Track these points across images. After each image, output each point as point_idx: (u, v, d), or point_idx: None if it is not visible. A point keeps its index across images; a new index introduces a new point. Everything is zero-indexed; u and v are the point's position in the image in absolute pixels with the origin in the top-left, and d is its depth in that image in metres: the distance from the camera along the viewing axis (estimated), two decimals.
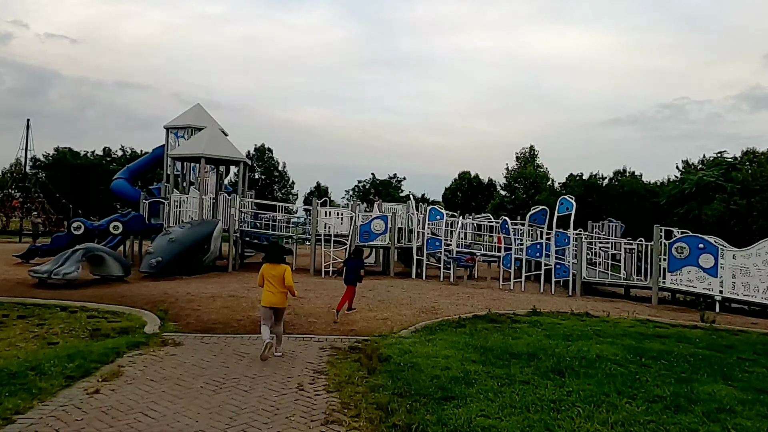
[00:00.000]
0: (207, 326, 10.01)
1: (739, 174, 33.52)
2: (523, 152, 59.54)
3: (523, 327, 10.47)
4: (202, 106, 27.85)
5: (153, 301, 12.57)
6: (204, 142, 20.80)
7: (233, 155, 21.15)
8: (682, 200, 38.66)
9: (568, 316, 12.25)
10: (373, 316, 11.31)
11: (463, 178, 66.83)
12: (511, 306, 13.62)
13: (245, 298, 12.94)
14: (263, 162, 67.44)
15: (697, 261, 14.47)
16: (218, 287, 14.96)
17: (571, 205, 17.09)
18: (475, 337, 9.11)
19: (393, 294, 14.93)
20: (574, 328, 10.38)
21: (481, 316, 11.67)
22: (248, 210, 22.08)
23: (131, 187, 26.89)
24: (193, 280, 16.87)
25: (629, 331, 10.38)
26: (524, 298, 15.18)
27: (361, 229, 20.35)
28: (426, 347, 8.07)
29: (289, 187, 68.60)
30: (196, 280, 16.89)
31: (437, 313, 12.12)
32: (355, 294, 12.15)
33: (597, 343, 8.90)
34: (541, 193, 53.14)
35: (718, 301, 14.06)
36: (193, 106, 27.79)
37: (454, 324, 10.57)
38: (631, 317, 12.48)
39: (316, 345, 8.42)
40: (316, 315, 11.16)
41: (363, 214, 21.14)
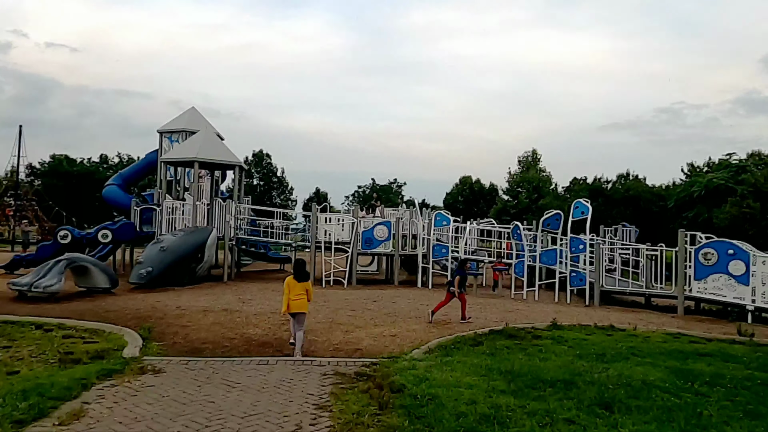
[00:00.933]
0: (195, 347, 8.95)
1: (751, 176, 32.50)
2: (526, 156, 58.53)
3: (546, 344, 9.42)
4: (197, 109, 26.84)
5: (139, 316, 11.51)
6: (198, 146, 19.78)
7: (228, 159, 20.13)
8: (691, 203, 37.66)
9: (593, 330, 11.20)
10: (380, 333, 10.25)
11: (464, 183, 65.79)
12: (527, 318, 12.57)
13: (239, 313, 11.88)
14: (261, 168, 66.38)
15: (727, 268, 13.43)
16: (211, 300, 13.90)
17: (587, 209, 16.06)
18: (498, 358, 8.05)
19: (399, 306, 13.88)
20: (605, 345, 9.32)
21: (498, 330, 10.62)
22: (245, 216, 21.05)
23: (123, 194, 25.81)
24: (186, 291, 15.81)
25: (666, 349, 9.32)
26: (540, 309, 14.12)
27: (363, 235, 19.32)
28: (444, 373, 7.01)
29: (288, 193, 67.52)
30: (189, 291, 15.83)
31: (449, 327, 11.07)
32: (462, 302, 12.15)
33: (636, 364, 7.85)
34: (544, 198, 52.13)
35: (751, 311, 13.01)
36: (187, 110, 26.79)
37: (470, 341, 9.51)
38: (660, 330, 11.43)
39: (317, 371, 7.35)
40: (316, 331, 10.10)
41: (365, 220, 20.10)
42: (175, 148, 21.83)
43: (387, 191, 66.49)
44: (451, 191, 66.36)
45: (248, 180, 65.75)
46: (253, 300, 14.03)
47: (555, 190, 55.37)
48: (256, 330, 10.19)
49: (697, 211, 36.54)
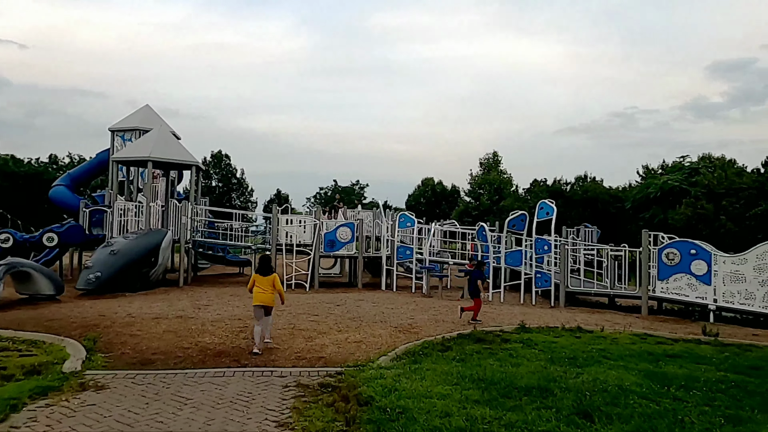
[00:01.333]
0: (145, 358, 8.29)
1: (704, 178, 33.42)
2: (487, 158, 58.99)
3: (516, 348, 9.15)
4: (151, 107, 25.81)
5: (86, 325, 10.72)
6: (151, 145, 18.90)
7: (184, 158, 19.29)
8: (647, 205, 38.51)
9: (561, 332, 11.02)
10: (345, 339, 9.78)
11: (426, 184, 65.86)
12: (494, 321, 12.33)
13: (195, 320, 11.21)
14: (221, 169, 64.88)
15: (689, 268, 13.52)
16: (165, 306, 13.15)
17: (552, 210, 15.99)
18: (469, 364, 7.71)
19: (363, 309, 13.44)
20: (575, 349, 9.12)
21: (466, 334, 10.31)
22: (202, 218, 20.23)
23: (72, 195, 24.52)
24: (138, 297, 14.98)
25: (635, 351, 9.18)
26: (506, 311, 13.92)
27: (326, 237, 18.81)
28: (414, 382, 6.61)
29: (248, 194, 66.20)
30: (141, 297, 15.00)
31: (416, 332, 10.69)
32: (475, 304, 12.27)
33: (609, 368, 7.63)
34: (505, 199, 52.62)
35: (713, 310, 13.11)
36: (141, 108, 25.73)
37: (438, 347, 9.16)
38: (627, 331, 11.34)
39: (278, 382, 6.85)
40: (277, 339, 9.55)
41: (328, 221, 19.60)
42: (127, 147, 20.83)
43: (349, 192, 65.98)
44: (414, 193, 66.34)
45: (206, 181, 64.18)
46: (209, 306, 13.35)
47: (516, 192, 55.94)
48: (213, 338, 9.57)
49: (653, 212, 37.37)
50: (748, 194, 24.63)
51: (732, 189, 29.94)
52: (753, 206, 23.09)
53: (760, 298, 12.67)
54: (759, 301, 12.69)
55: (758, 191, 23.33)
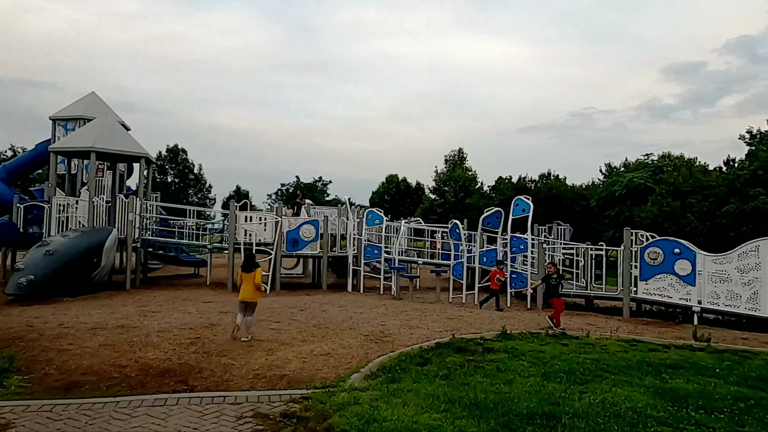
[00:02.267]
0: (72, 380, 6.97)
1: (669, 176, 33.53)
2: (452, 155, 58.45)
3: (503, 359, 8.21)
4: (97, 95, 23.94)
5: (7, 338, 9.24)
6: (95, 134, 17.24)
7: (132, 149, 17.70)
8: (612, 202, 38.52)
9: (546, 339, 10.17)
10: (310, 351, 8.65)
11: (390, 181, 64.98)
12: (473, 326, 11.39)
13: (138, 330, 9.86)
14: (177, 164, 62.36)
15: (673, 268, 12.91)
16: (106, 313, 11.70)
17: (529, 207, 15.20)
18: (454, 382, 6.70)
19: (330, 314, 12.32)
20: (567, 360, 8.24)
21: (445, 343, 9.32)
22: (152, 215, 18.66)
23: (8, 189, 22.46)
24: (76, 303, 13.44)
25: (631, 360, 8.37)
26: (484, 315, 13.02)
27: (288, 236, 17.57)
28: (395, 408, 5.56)
29: (206, 191, 63.92)
30: (80, 303, 13.47)
31: (389, 341, 9.64)
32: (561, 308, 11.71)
33: (613, 384, 6.75)
34: (471, 197, 52.17)
35: (696, 312, 12.52)
36: (86, 95, 23.82)
37: (417, 359, 8.13)
38: (614, 337, 10.59)
39: (231, 412, 5.68)
40: (233, 354, 8.34)
41: (291, 219, 18.36)
42: (68, 137, 19.06)
43: (312, 189, 64.45)
44: (378, 190, 65.36)
45: (162, 177, 61.65)
46: (157, 312, 11.97)
47: (481, 189, 55.60)
48: (157, 353, 8.29)
49: (618, 210, 37.39)
50: (718, 192, 24.56)
51: (698, 187, 30.02)
52: (724, 204, 23.02)
53: (746, 299, 12.13)
54: (744, 302, 12.15)
55: (729, 189, 23.26)
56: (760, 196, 20.80)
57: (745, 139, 37.29)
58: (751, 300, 12.07)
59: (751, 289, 12.10)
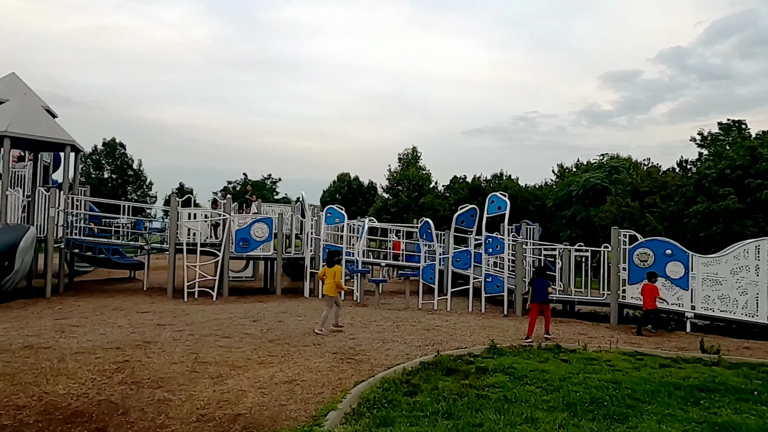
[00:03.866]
0: None
1: (628, 176, 33.40)
2: (406, 153, 57.25)
3: (505, 384, 6.81)
4: (18, 76, 21.19)
5: None
6: (10, 117, 14.85)
7: (55, 136, 15.38)
8: (569, 202, 38.27)
9: (542, 355, 8.86)
10: (270, 377, 6.98)
11: (342, 180, 63.30)
12: (453, 338, 9.98)
13: (51, 351, 7.90)
14: (114, 159, 58.45)
15: (665, 270, 11.91)
16: (14, 328, 9.60)
17: (505, 204, 13.96)
18: (462, 422, 5.23)
19: (288, 326, 10.63)
20: (582, 383, 6.92)
21: (430, 363, 7.85)
22: (79, 211, 16.35)
23: None
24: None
25: (654, 382, 7.15)
26: (461, 324, 11.63)
27: (238, 235, 15.69)
28: None
29: (146, 188, 60.23)
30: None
31: (363, 360, 8.09)
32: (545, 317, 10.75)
33: (657, 419, 5.45)
34: (425, 196, 51.16)
35: (690, 318, 11.56)
36: (5, 76, 21.04)
37: (403, 386, 6.60)
38: (614, 350, 9.41)
39: None
40: (171, 384, 6.57)
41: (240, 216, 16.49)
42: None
43: (261, 187, 61.87)
44: (329, 188, 63.51)
45: (98, 172, 57.71)
46: (79, 327, 9.95)
47: (435, 189, 54.70)
48: (70, 385, 6.42)
49: (575, 210, 37.13)
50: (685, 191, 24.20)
51: (656, 187, 29.86)
52: (691, 204, 22.66)
53: (743, 304, 11.25)
54: (741, 308, 11.26)
55: (696, 188, 22.91)
56: (729, 195, 20.48)
57: (696, 141, 37.88)
58: (749, 305, 11.19)
59: (748, 293, 11.22)
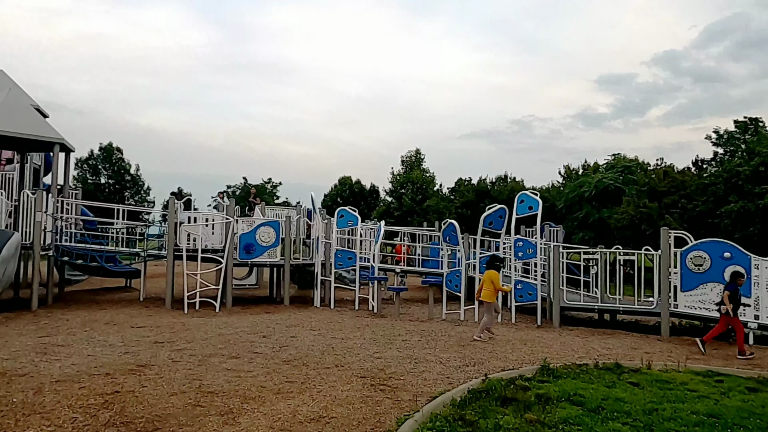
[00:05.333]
0: None
1: (644, 176, 32.18)
2: (409, 156, 55.97)
3: (580, 419, 5.55)
4: (6, 73, 19.91)
5: None
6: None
7: (42, 134, 14.12)
8: (580, 204, 37.05)
9: (600, 374, 7.60)
10: (291, 412, 5.70)
11: (343, 183, 61.98)
12: (495, 356, 8.72)
13: (27, 379, 6.60)
14: (111, 164, 57.16)
15: (723, 276, 10.65)
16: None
17: (537, 204, 12.71)
18: None
19: (303, 342, 9.35)
20: (677, 418, 5.66)
21: (480, 390, 6.56)
22: (68, 216, 15.07)
23: None
24: None
25: (752, 410, 5.90)
26: (498, 338, 10.35)
27: (242, 240, 14.42)
28: None
29: (144, 193, 58.95)
30: None
31: (399, 387, 6.81)
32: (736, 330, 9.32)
33: None
34: (429, 199, 49.93)
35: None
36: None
37: (457, 425, 5.33)
38: (684, 369, 8.15)
39: None
40: (170, 423, 5.28)
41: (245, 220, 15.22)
42: None
43: (261, 191, 60.57)
44: (330, 192, 62.20)
45: (95, 178, 56.41)
46: (64, 346, 8.64)
47: (440, 192, 53.47)
48: (43, 428, 5.13)
49: (587, 212, 35.92)
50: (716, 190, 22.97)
51: (674, 187, 28.66)
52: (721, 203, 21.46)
53: None
54: None
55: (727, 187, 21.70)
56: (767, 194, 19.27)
57: (712, 139, 36.78)
58: None
59: None
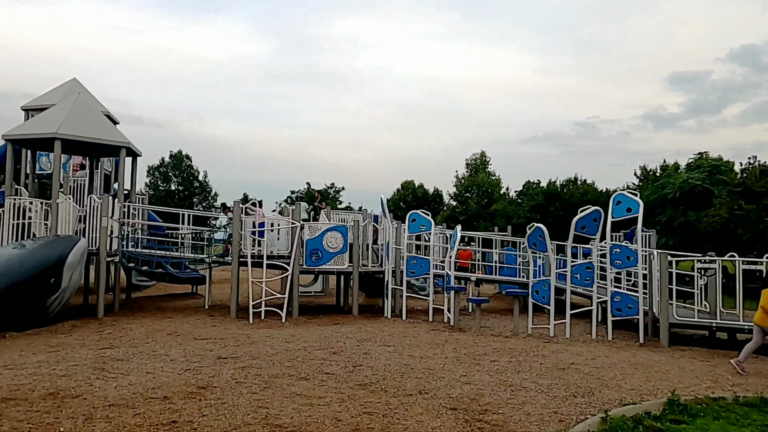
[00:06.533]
0: None
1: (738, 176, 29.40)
2: (474, 159, 54.34)
3: None
4: (79, 81, 20.21)
5: None
6: (61, 118, 13.45)
7: (108, 137, 13.87)
8: (662, 206, 34.44)
9: (749, 414, 6.15)
10: None
11: (406, 188, 60.97)
12: (603, 382, 7.39)
13: (79, 402, 5.91)
14: (181, 171, 58.71)
15: None
16: (47, 363, 7.75)
17: (636, 205, 11.20)
18: None
19: (378, 361, 8.33)
20: None
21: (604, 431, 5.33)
22: (136, 221, 14.80)
23: None
24: (17, 342, 9.60)
25: None
26: (601, 360, 8.95)
27: (308, 245, 13.64)
28: None
29: (212, 199, 60.15)
30: (23, 342, 9.61)
31: (499, 421, 5.67)
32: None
33: None
34: (496, 203, 48.14)
35: None
36: (65, 82, 20.10)
37: None
38: None
39: None
40: None
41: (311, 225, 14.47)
42: (29, 122, 15.26)
43: (324, 197, 60.52)
44: (393, 197, 61.35)
45: (165, 185, 58.10)
46: (124, 361, 8.00)
47: (507, 195, 51.51)
48: None
49: (670, 215, 33.33)
50: None
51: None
52: None
53: None
54: None
55: None
56: None
57: None
58: None
59: None
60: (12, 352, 8.76)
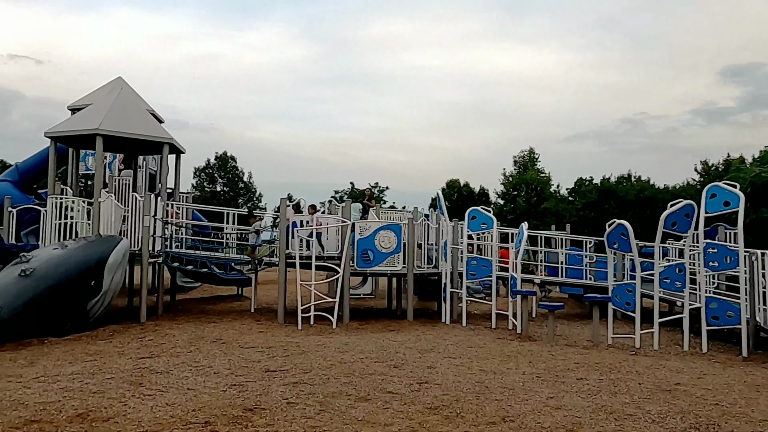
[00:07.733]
0: None
1: None
2: (522, 156, 52.38)
3: None
4: (124, 80, 19.90)
5: None
6: (103, 114, 12.94)
7: (150, 134, 13.29)
8: None
9: None
10: None
11: (452, 187, 59.48)
12: (724, 410, 6.11)
13: (110, 427, 5.08)
14: (226, 172, 59.10)
15: None
16: (82, 375, 7.01)
17: (736, 199, 9.78)
18: None
19: (446, 378, 7.24)
20: None
21: None
22: (181, 220, 14.19)
23: (20, 194, 18.61)
24: (56, 348, 8.99)
25: None
26: (710, 380, 7.63)
27: (359, 245, 12.68)
28: None
29: (257, 200, 60.28)
30: (61, 348, 8.99)
31: None
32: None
33: None
34: (547, 201, 46.26)
35: None
36: (110, 81, 19.81)
37: None
38: None
39: None
40: None
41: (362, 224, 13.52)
42: (71, 118, 14.87)
43: None
44: None
45: (211, 186, 58.60)
46: (163, 375, 7.19)
47: (557, 193, 49.47)
48: None
49: None
50: None
51: None
52: None
53: None
54: None
55: None
56: None
57: None
58: None
59: None
60: (48, 360, 8.12)
